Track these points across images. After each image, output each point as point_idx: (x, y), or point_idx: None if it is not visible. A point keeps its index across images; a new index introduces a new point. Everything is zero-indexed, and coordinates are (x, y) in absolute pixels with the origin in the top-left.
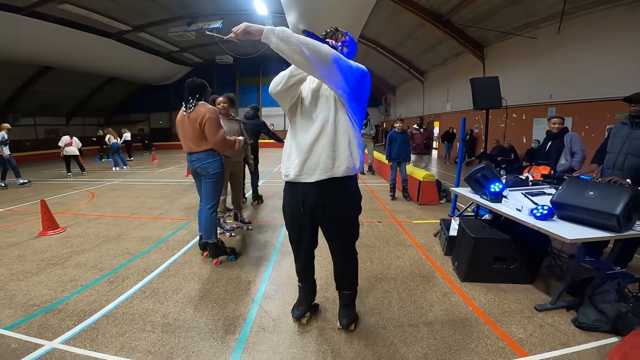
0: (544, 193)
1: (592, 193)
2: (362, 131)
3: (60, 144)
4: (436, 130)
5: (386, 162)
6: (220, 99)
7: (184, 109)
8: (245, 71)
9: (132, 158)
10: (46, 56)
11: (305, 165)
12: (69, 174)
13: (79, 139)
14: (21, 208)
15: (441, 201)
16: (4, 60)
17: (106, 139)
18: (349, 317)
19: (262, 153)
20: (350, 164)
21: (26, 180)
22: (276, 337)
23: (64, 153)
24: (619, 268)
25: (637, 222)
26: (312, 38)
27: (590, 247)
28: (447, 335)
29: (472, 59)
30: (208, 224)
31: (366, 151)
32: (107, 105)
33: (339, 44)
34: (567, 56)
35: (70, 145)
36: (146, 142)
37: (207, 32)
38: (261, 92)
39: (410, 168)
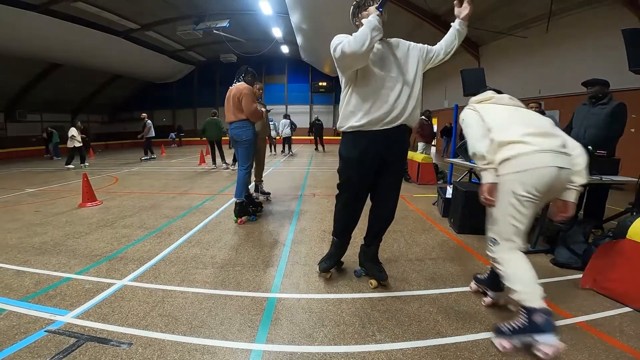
0: None
1: None
2: None
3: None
4: (434, 128)
5: None
6: (258, 85)
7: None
8: None
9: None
10: (56, 53)
11: (381, 113)
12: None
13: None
14: (49, 188)
15: (438, 182)
16: (15, 56)
17: None
18: (384, 270)
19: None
20: (417, 114)
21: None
22: (307, 268)
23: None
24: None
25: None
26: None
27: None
28: (449, 266)
29: (468, 57)
30: (240, 183)
31: None
32: (111, 103)
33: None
34: (554, 54)
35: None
36: None
37: (215, 31)
38: (263, 91)
39: (410, 153)
